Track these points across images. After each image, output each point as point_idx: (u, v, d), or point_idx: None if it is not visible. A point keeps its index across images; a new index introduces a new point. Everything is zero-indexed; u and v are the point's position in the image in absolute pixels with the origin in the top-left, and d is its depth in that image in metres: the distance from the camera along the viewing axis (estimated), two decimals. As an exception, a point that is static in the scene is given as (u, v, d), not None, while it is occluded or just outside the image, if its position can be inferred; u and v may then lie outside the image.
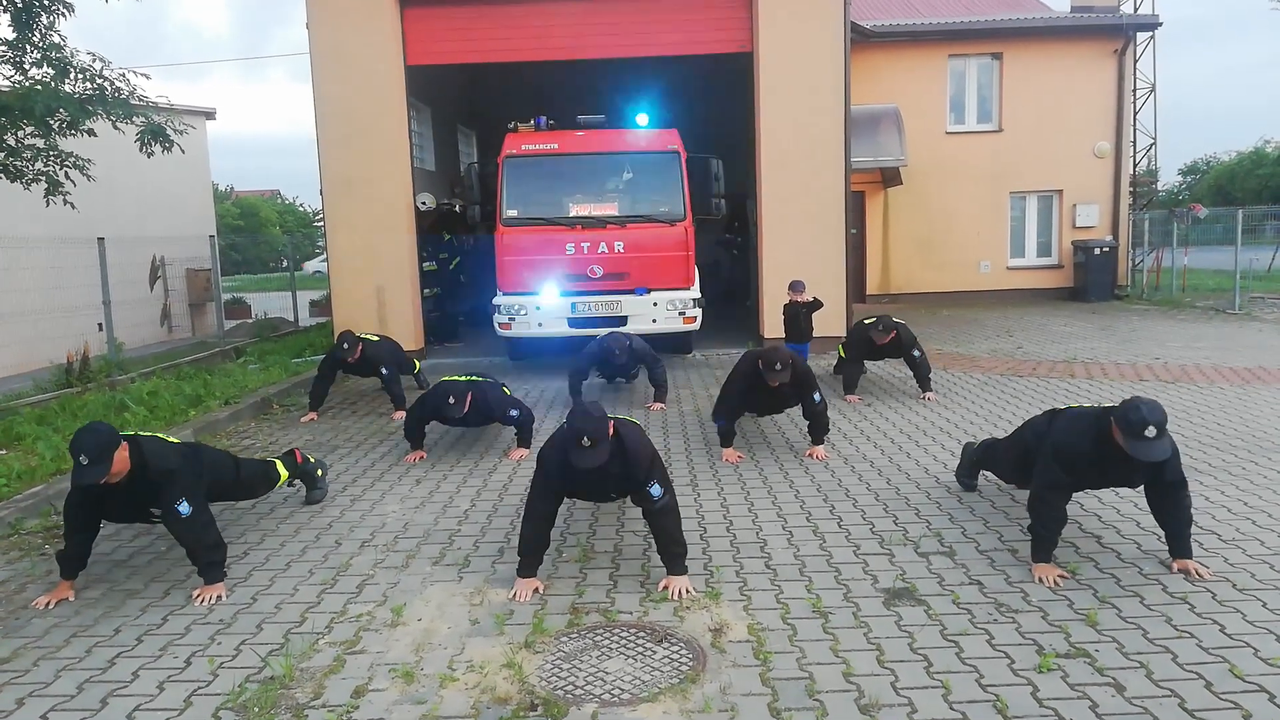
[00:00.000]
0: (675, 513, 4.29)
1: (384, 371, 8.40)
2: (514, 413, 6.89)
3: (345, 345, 8.25)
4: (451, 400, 6.44)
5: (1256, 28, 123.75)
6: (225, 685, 3.42)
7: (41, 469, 6.36)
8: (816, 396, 6.49)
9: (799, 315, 9.50)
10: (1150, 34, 17.72)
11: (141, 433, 4.61)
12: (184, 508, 4.22)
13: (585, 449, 4.04)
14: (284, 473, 5.48)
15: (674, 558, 4.20)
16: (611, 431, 4.19)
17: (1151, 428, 3.84)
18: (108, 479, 4.01)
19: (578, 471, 4.12)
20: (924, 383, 8.45)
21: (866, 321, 8.50)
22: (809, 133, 11.26)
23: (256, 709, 3.23)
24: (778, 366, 6.19)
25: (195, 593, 4.27)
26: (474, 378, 7.05)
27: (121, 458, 4.06)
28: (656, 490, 4.22)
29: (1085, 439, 4.14)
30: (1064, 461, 4.18)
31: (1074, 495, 4.44)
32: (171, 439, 4.57)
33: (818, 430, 6.57)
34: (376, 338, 8.86)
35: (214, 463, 4.82)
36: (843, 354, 8.97)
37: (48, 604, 4.23)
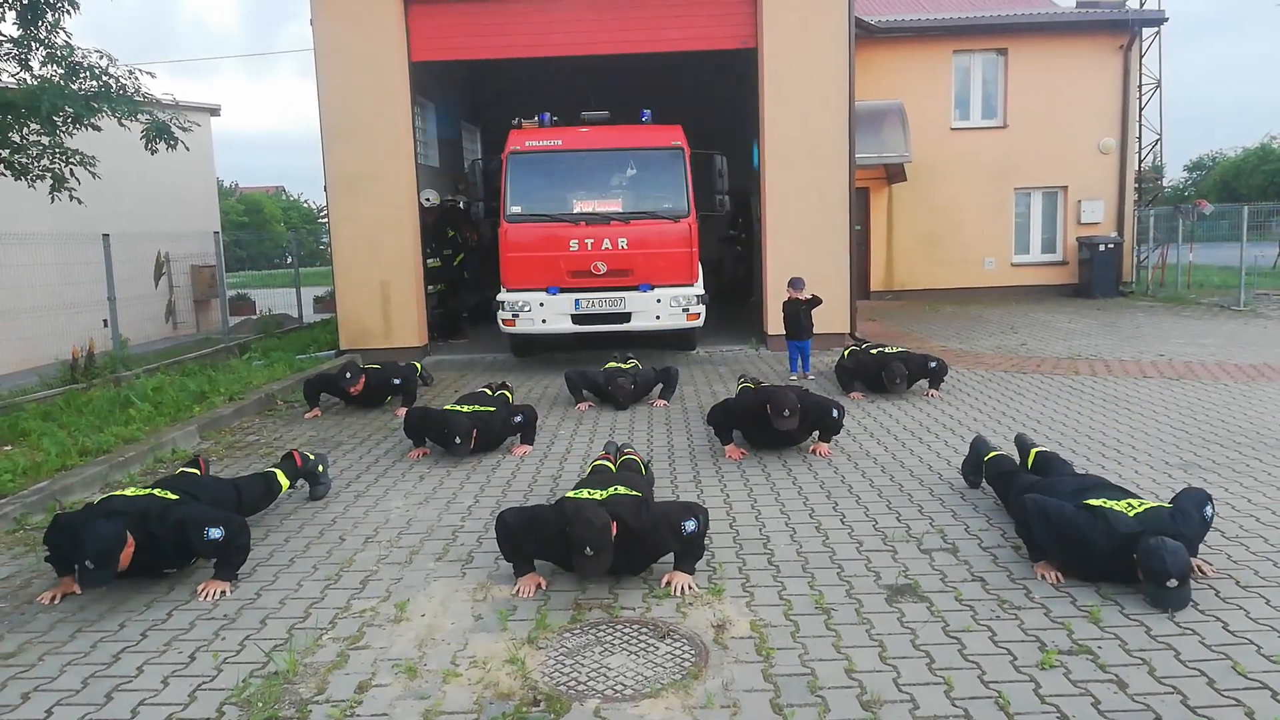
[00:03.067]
0: (703, 537, 4.20)
1: (397, 382, 8.34)
2: (518, 419, 6.83)
3: (349, 375, 8.13)
4: (458, 441, 6.36)
5: (1262, 24, 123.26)
6: (229, 680, 3.43)
7: (46, 465, 6.38)
8: (834, 413, 6.32)
9: (799, 313, 9.50)
10: (1156, 29, 17.69)
11: (136, 493, 4.52)
12: (216, 533, 4.21)
13: (590, 559, 3.88)
14: (284, 482, 5.49)
15: (679, 554, 4.20)
16: (615, 530, 3.96)
17: (1173, 580, 3.67)
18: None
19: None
20: (935, 380, 8.47)
21: (888, 353, 8.52)
22: (813, 129, 11.25)
23: (260, 704, 3.25)
24: (786, 414, 5.94)
25: (200, 587, 4.28)
26: (476, 409, 6.84)
27: (127, 554, 4.04)
28: (691, 526, 4.09)
29: (1101, 542, 3.94)
30: (1068, 542, 4.03)
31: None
32: (169, 495, 4.49)
33: (827, 432, 6.54)
34: (378, 366, 8.66)
35: (215, 499, 4.81)
36: (845, 358, 8.92)
37: (53, 599, 4.25)
